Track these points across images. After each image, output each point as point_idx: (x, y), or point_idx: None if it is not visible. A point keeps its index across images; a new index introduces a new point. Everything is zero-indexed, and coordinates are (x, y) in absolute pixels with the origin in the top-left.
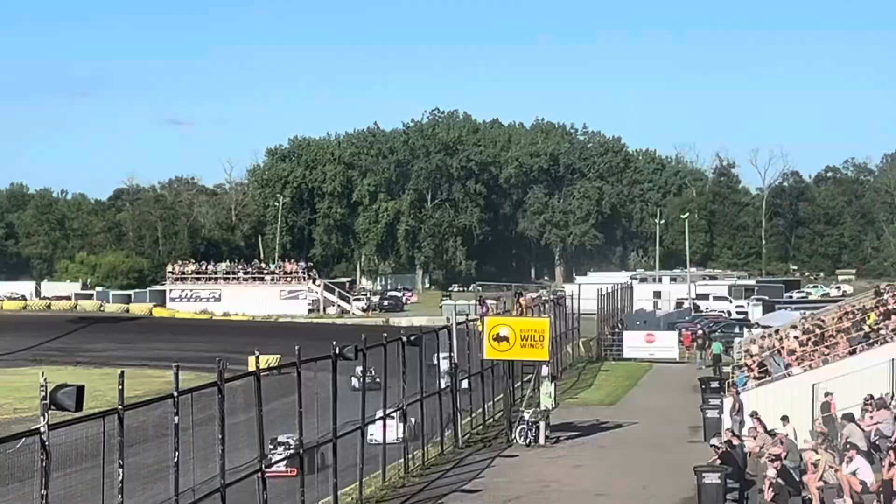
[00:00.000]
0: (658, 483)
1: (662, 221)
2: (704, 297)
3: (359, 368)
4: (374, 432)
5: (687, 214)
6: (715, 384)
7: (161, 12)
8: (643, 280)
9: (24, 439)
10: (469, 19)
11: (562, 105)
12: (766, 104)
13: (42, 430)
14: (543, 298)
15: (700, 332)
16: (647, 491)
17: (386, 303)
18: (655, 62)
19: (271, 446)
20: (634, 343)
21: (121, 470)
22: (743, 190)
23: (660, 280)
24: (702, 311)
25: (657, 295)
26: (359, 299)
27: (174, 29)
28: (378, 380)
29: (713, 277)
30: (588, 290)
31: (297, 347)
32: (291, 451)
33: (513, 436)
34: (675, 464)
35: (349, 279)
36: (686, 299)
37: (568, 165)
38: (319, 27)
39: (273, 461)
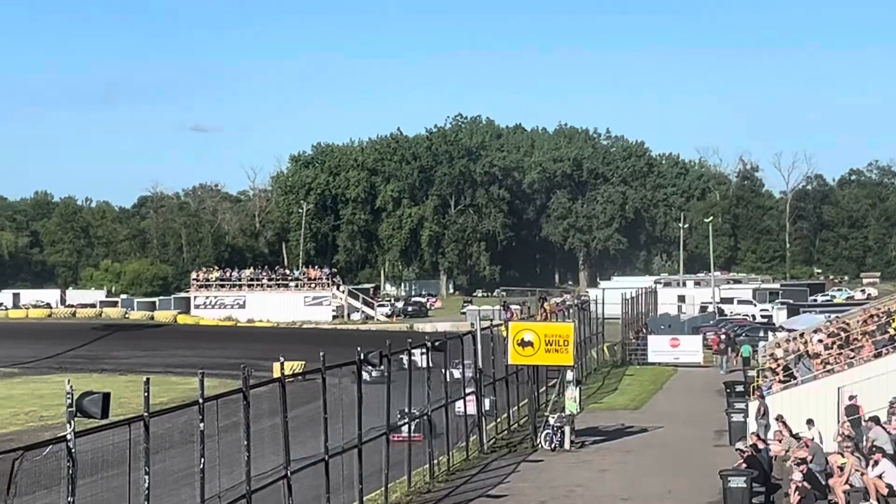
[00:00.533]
0: (683, 487)
1: (686, 225)
2: (729, 300)
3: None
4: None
5: (711, 218)
6: (740, 388)
7: (184, 20)
8: (667, 284)
9: (50, 447)
10: (491, 26)
11: (585, 110)
12: (790, 107)
13: (68, 437)
14: (568, 303)
15: (723, 336)
16: (672, 495)
17: (410, 308)
18: (678, 66)
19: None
20: (659, 347)
21: (147, 477)
22: (767, 193)
23: (684, 284)
24: (726, 315)
25: (681, 299)
26: (383, 305)
27: (197, 36)
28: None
29: (737, 281)
30: (612, 295)
31: (321, 354)
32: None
33: (538, 441)
34: (700, 468)
35: (373, 285)
36: (710, 303)
37: (591, 170)
38: (342, 35)
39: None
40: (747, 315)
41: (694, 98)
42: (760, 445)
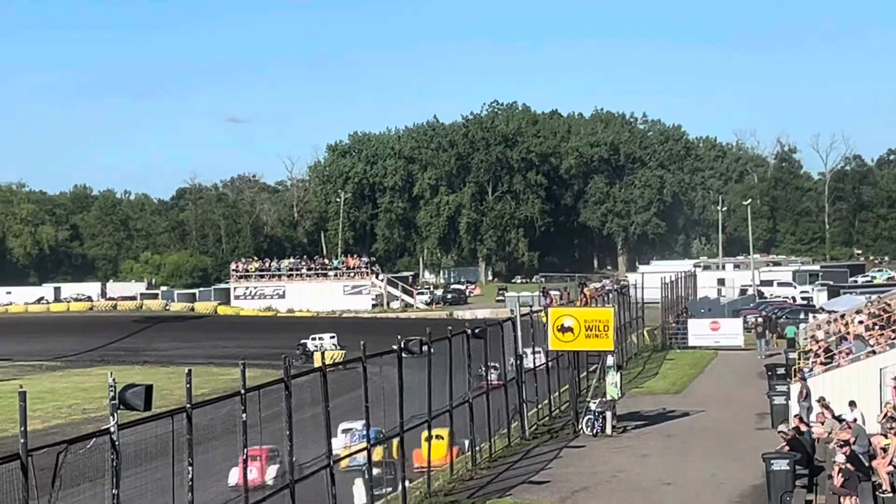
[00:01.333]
0: (726, 471)
1: (724, 208)
2: (769, 283)
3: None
4: None
5: (749, 201)
6: (781, 370)
7: (220, 11)
8: (706, 268)
9: (94, 439)
10: (527, 12)
11: (621, 94)
12: (827, 88)
13: (112, 430)
14: (607, 288)
15: (760, 319)
16: (715, 479)
17: (449, 296)
18: (714, 49)
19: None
20: (699, 331)
21: (190, 468)
22: (805, 175)
23: (723, 267)
24: (766, 298)
25: (721, 282)
26: (422, 293)
27: (233, 28)
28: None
29: (777, 263)
30: (651, 279)
31: (362, 342)
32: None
33: (579, 426)
34: (742, 451)
35: (412, 273)
36: (750, 286)
37: (628, 154)
38: (377, 23)
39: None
40: (787, 297)
41: (731, 81)
42: (803, 428)
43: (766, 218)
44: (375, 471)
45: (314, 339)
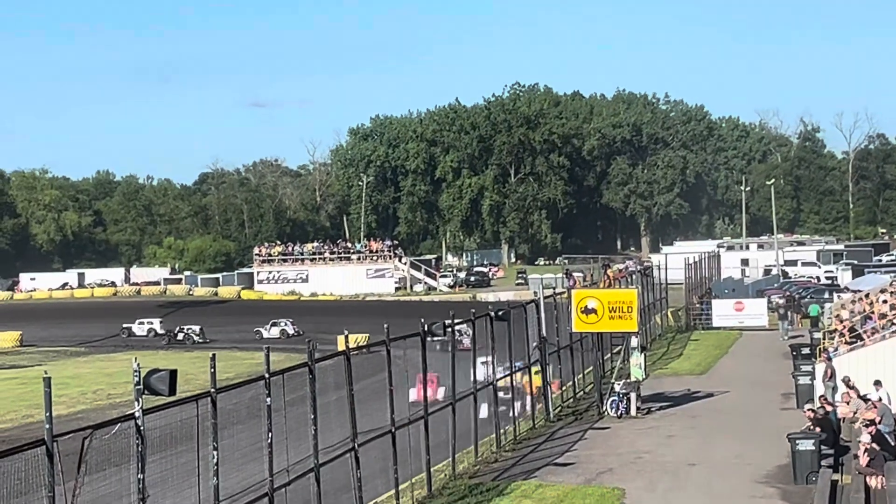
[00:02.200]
0: (751, 451)
1: (748, 188)
2: (793, 263)
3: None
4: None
5: (772, 181)
6: (806, 350)
7: None
8: (730, 248)
9: (119, 425)
10: None
11: (643, 75)
12: (850, 67)
13: (137, 415)
14: (630, 269)
15: (782, 300)
16: (740, 459)
17: (472, 279)
18: (736, 28)
19: None
20: (723, 311)
21: (215, 452)
22: (828, 154)
23: (747, 247)
24: (790, 278)
25: (745, 262)
26: (445, 276)
27: (256, 12)
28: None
29: (801, 243)
30: (675, 260)
31: (385, 326)
32: None
33: (604, 408)
34: (768, 431)
35: (435, 256)
36: (774, 266)
37: (651, 135)
38: (398, 7)
39: None
40: (812, 277)
41: (753, 60)
42: (828, 408)
43: (789, 198)
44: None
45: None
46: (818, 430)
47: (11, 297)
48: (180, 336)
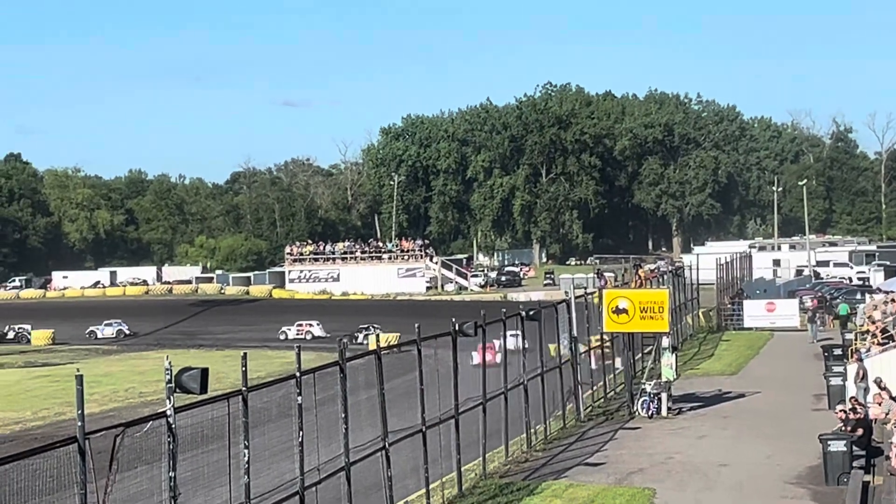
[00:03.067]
0: (782, 452)
1: (780, 189)
2: (825, 263)
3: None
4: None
5: (805, 181)
6: (838, 351)
7: None
8: (762, 248)
9: (150, 423)
10: None
11: (675, 75)
12: (883, 67)
13: (168, 413)
14: (662, 269)
15: (812, 302)
16: (771, 460)
17: (503, 278)
18: (769, 29)
19: None
20: (755, 312)
21: (246, 451)
22: (861, 154)
23: (779, 248)
24: (822, 279)
25: (776, 263)
26: (476, 275)
27: (288, 12)
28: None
29: (833, 244)
30: (706, 260)
31: (416, 325)
32: None
33: (635, 408)
34: (799, 432)
35: (466, 255)
36: (806, 267)
37: (683, 135)
38: (430, 7)
39: None
40: (844, 278)
41: (785, 60)
42: (860, 409)
43: (821, 198)
44: None
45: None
46: (849, 430)
47: (44, 295)
48: (10, 335)
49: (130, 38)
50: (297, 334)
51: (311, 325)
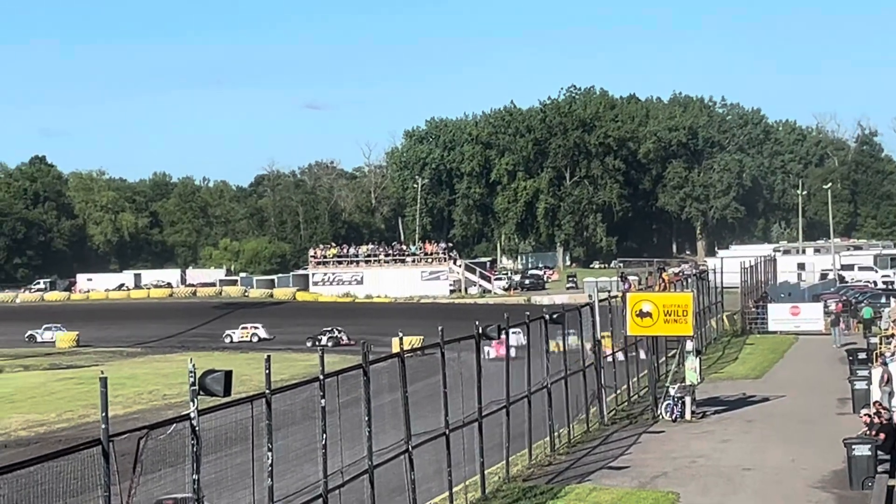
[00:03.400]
0: (807, 456)
1: (804, 192)
2: (849, 267)
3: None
4: None
5: (829, 185)
6: (862, 355)
7: None
8: (786, 252)
9: (174, 425)
10: None
11: (699, 78)
12: None
13: (192, 415)
14: (686, 273)
15: (836, 306)
16: (795, 464)
17: (527, 281)
18: (794, 32)
19: None
20: (779, 316)
21: (270, 453)
22: (886, 158)
23: (803, 252)
24: (847, 282)
25: (801, 267)
26: (500, 278)
27: (311, 15)
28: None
29: (858, 247)
30: (731, 264)
31: (440, 328)
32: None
33: (658, 412)
34: (823, 436)
35: (490, 259)
36: (831, 270)
37: (707, 139)
38: (453, 10)
39: None
40: (868, 282)
41: (810, 63)
42: (884, 413)
43: (846, 202)
44: None
45: None
46: (874, 435)
47: (68, 297)
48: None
49: (155, 41)
50: (242, 337)
51: (255, 327)
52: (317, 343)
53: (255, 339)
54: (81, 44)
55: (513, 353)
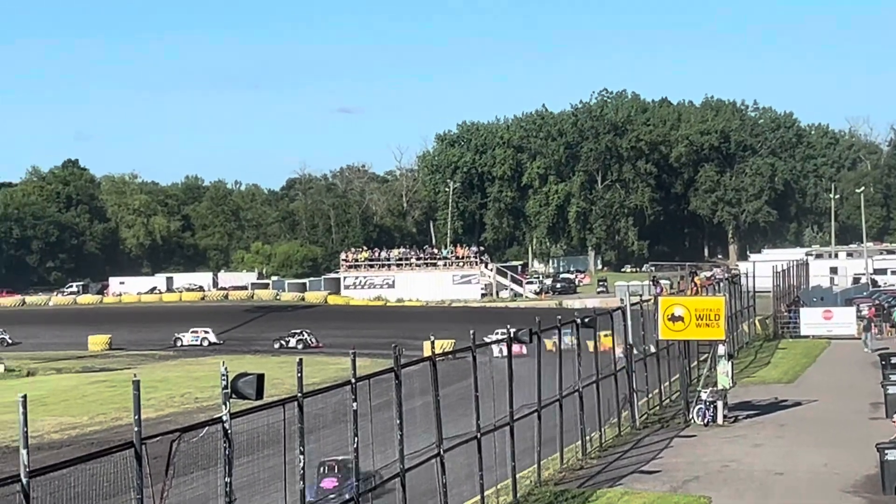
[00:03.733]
0: (839, 461)
1: (837, 196)
2: (882, 271)
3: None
4: None
5: (862, 188)
6: (895, 360)
7: (331, 2)
8: (819, 256)
9: (206, 428)
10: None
11: (732, 82)
12: None
13: (224, 418)
14: (718, 277)
15: (868, 310)
16: (828, 469)
17: (559, 285)
18: (827, 35)
19: None
20: (812, 320)
21: (301, 456)
22: None
23: (836, 256)
24: (880, 286)
25: (833, 271)
26: (531, 282)
27: (344, 19)
28: None
29: (891, 252)
30: (763, 268)
31: (471, 331)
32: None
33: (690, 416)
34: (856, 441)
35: (521, 262)
36: (863, 274)
37: (739, 142)
38: (485, 12)
39: None
40: None
41: (843, 67)
42: None
43: (879, 206)
44: None
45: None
46: None
47: (101, 300)
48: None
49: (188, 45)
50: (193, 340)
51: (206, 331)
52: (284, 345)
53: (205, 342)
54: (115, 47)
55: (553, 351)
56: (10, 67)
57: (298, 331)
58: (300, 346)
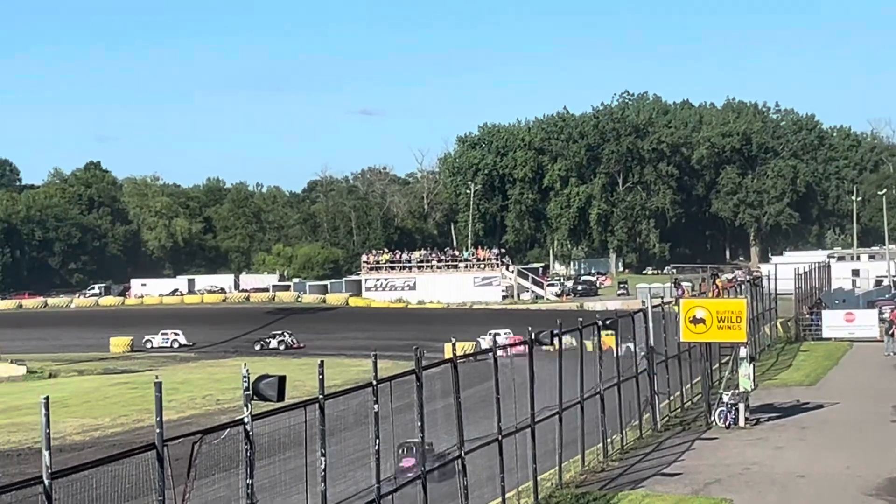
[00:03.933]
0: (862, 463)
1: (859, 198)
2: None
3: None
4: None
5: (884, 191)
6: None
7: (352, 6)
8: (841, 258)
9: (228, 430)
10: (655, 2)
11: (753, 84)
12: None
13: (245, 420)
14: (739, 279)
15: (889, 314)
16: (850, 471)
17: (580, 287)
18: (849, 38)
19: None
20: (834, 322)
21: (323, 458)
22: None
23: (858, 258)
24: None
25: (855, 273)
26: (552, 284)
27: (365, 22)
28: None
29: None
30: (784, 270)
31: (492, 333)
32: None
33: (712, 418)
34: (878, 444)
35: (542, 264)
36: (885, 277)
37: (761, 144)
38: (508, 16)
39: None
40: None
41: (865, 69)
42: None
43: None
44: None
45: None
46: None
47: (122, 302)
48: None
49: (209, 47)
50: (163, 342)
51: (176, 333)
52: (265, 346)
53: (175, 345)
54: (137, 49)
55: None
56: (33, 70)
57: (279, 332)
58: (282, 348)
